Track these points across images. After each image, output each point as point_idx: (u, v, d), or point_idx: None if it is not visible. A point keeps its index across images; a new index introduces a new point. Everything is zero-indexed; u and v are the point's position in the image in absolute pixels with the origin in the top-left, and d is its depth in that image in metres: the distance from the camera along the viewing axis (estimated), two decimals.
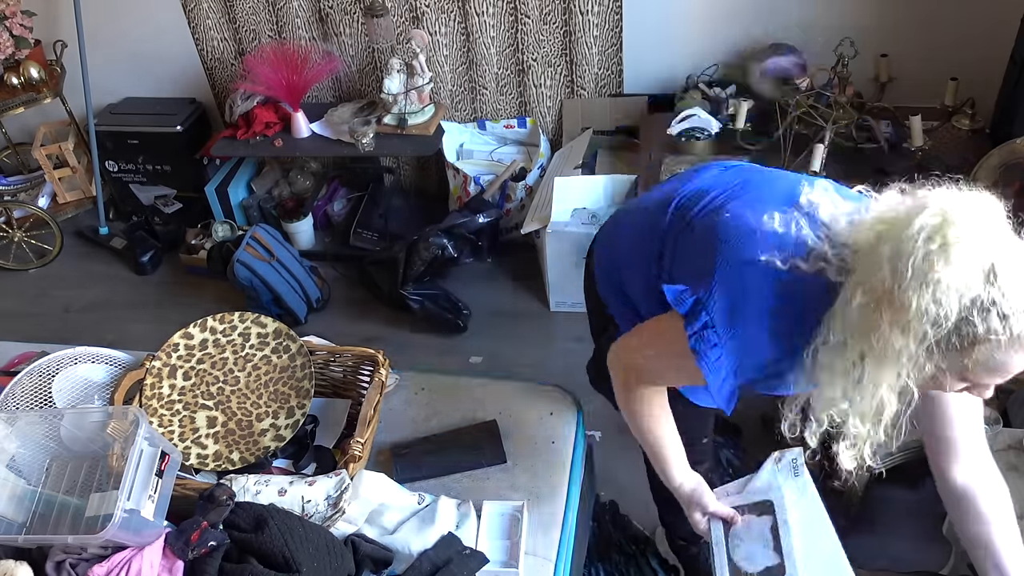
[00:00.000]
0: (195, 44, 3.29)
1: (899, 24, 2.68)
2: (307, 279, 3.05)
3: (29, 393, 1.80)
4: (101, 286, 3.35)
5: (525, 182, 3.05)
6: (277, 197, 3.38)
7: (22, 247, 3.47)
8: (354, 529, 1.53)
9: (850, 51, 2.43)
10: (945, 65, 2.57)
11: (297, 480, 1.57)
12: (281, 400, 1.79)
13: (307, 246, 3.28)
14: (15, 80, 3.15)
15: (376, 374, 1.77)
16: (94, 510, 1.43)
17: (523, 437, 1.77)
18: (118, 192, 3.56)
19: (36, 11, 3.22)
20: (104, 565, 1.36)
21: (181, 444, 1.74)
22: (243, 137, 3.15)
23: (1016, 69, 2.39)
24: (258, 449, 1.75)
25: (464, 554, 1.49)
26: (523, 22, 2.96)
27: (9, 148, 3.58)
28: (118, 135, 3.36)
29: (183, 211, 3.50)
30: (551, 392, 1.88)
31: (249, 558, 1.39)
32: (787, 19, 2.77)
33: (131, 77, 3.44)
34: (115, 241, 3.49)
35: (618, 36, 2.93)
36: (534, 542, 1.58)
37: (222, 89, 3.41)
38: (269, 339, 1.85)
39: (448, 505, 1.59)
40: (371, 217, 3.22)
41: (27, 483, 1.54)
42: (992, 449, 1.64)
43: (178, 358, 1.83)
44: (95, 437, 1.54)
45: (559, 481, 1.71)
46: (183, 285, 3.29)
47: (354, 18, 3.10)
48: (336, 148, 3.10)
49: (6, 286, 3.41)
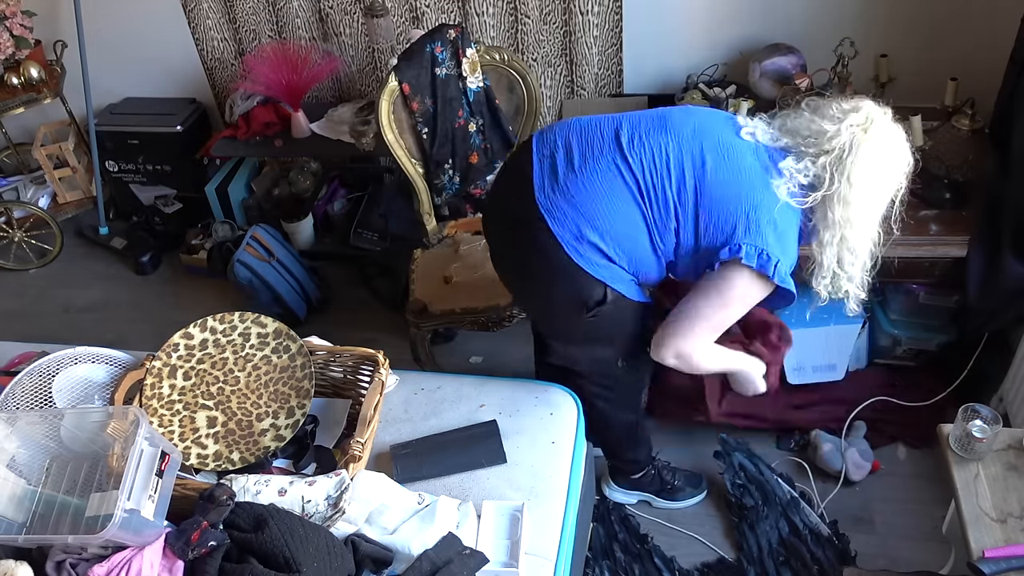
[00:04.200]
0: (195, 44, 3.29)
1: (899, 24, 2.68)
2: (307, 279, 3.05)
3: (29, 393, 1.80)
4: (101, 286, 3.35)
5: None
6: (277, 197, 3.38)
7: (22, 247, 3.47)
8: (354, 529, 1.53)
9: (850, 51, 2.43)
10: (945, 65, 2.57)
11: (297, 480, 1.57)
12: (281, 400, 1.79)
13: (307, 246, 3.28)
14: (15, 80, 3.14)
15: (376, 374, 1.77)
16: (94, 510, 1.43)
17: (523, 437, 1.77)
18: (118, 192, 3.56)
19: (36, 11, 3.21)
20: (104, 565, 1.36)
21: (181, 444, 1.74)
22: (243, 137, 3.15)
23: (1016, 69, 2.39)
24: (258, 449, 1.75)
25: (464, 554, 1.49)
26: (523, 22, 2.96)
27: (9, 148, 3.58)
28: (118, 135, 3.36)
29: (183, 211, 3.50)
30: (551, 392, 1.88)
31: (249, 558, 1.39)
32: (787, 19, 2.76)
33: (131, 77, 3.44)
34: (115, 241, 3.48)
35: (618, 36, 2.93)
36: (534, 542, 1.58)
37: (222, 89, 3.41)
38: (269, 339, 1.85)
39: (448, 505, 1.59)
40: (371, 217, 3.22)
41: (27, 483, 1.54)
42: (992, 449, 1.65)
43: (178, 358, 1.83)
44: (95, 437, 1.54)
45: (559, 481, 1.71)
46: (183, 285, 3.29)
47: (354, 18, 3.10)
48: (336, 148, 3.10)
49: (6, 286, 3.41)
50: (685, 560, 2.15)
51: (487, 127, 2.48)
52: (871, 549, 2.13)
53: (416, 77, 2.35)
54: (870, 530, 2.18)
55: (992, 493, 1.60)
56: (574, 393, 1.89)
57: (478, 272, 2.41)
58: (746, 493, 2.24)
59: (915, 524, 2.16)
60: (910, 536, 2.14)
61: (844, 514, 2.21)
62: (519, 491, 1.67)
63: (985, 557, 1.49)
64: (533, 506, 1.63)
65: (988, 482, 1.61)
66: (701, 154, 1.58)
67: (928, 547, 2.07)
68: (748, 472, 2.28)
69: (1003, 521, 1.55)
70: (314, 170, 3.40)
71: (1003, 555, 1.49)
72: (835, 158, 1.54)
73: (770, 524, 2.17)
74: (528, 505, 1.61)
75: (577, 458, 1.78)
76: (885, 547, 2.14)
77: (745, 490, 2.25)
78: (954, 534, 1.76)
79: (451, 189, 2.57)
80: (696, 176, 1.57)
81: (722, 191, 1.57)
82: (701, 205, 1.58)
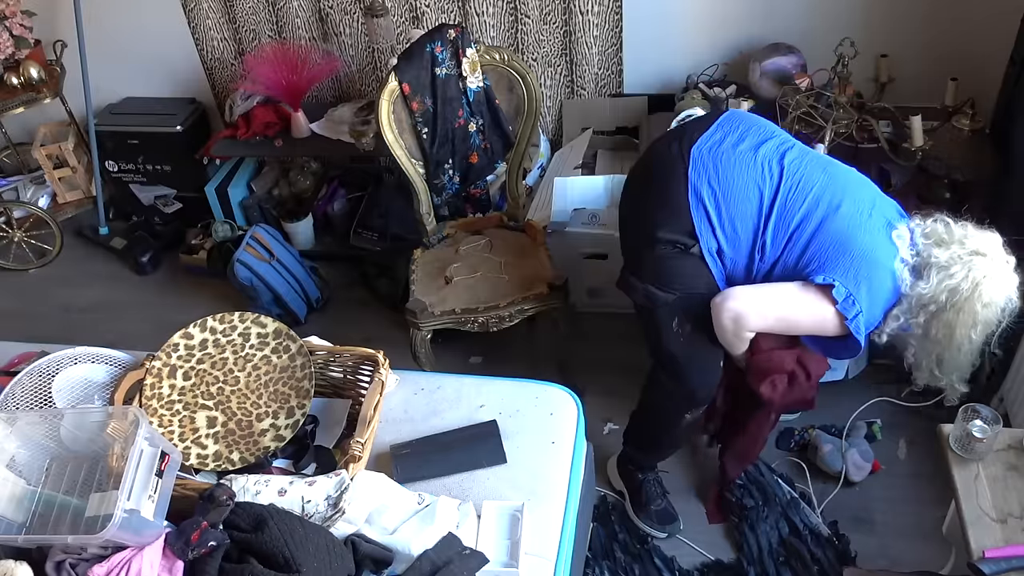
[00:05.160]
0: (195, 44, 3.29)
1: (899, 24, 2.68)
2: (307, 279, 3.05)
3: (29, 393, 1.80)
4: (101, 286, 3.35)
5: (525, 182, 3.05)
6: (277, 197, 3.38)
7: (22, 247, 3.47)
8: (354, 529, 1.52)
9: (850, 51, 2.43)
10: (945, 65, 2.57)
11: (297, 480, 1.57)
12: (281, 400, 1.79)
13: (307, 246, 3.28)
14: (15, 80, 3.14)
15: (376, 374, 1.77)
16: (94, 510, 1.43)
17: (523, 437, 1.77)
18: (118, 192, 3.56)
19: (36, 11, 3.21)
20: (104, 565, 1.36)
21: (181, 444, 1.74)
22: (243, 137, 3.15)
23: (1016, 69, 2.39)
24: (258, 449, 1.75)
25: (464, 554, 1.49)
26: (523, 22, 2.96)
27: (9, 148, 3.58)
28: (118, 135, 3.36)
29: (183, 211, 3.50)
30: (551, 392, 1.88)
31: (249, 558, 1.39)
32: (787, 19, 2.77)
33: (131, 77, 3.44)
34: (115, 241, 3.48)
35: (618, 36, 2.94)
36: (534, 542, 1.58)
37: (222, 89, 3.41)
38: (269, 339, 1.85)
39: (448, 505, 1.59)
40: (371, 217, 3.22)
41: (27, 483, 1.54)
42: (992, 449, 1.65)
43: (178, 358, 1.83)
44: (95, 437, 1.54)
45: (559, 481, 1.71)
46: (183, 285, 3.29)
47: (354, 18, 3.10)
48: (336, 148, 3.10)
49: (6, 286, 3.41)
50: (685, 560, 2.15)
51: (487, 127, 2.48)
52: (871, 549, 2.13)
53: (416, 77, 2.35)
54: (870, 530, 2.18)
55: (992, 493, 1.60)
56: (575, 395, 1.89)
57: (478, 272, 2.41)
58: (746, 493, 2.24)
59: (915, 524, 2.16)
60: (910, 536, 2.14)
61: (844, 514, 2.21)
62: (519, 491, 1.67)
63: (985, 557, 1.49)
64: (533, 506, 1.63)
65: (988, 482, 1.61)
66: (840, 200, 1.71)
67: (928, 547, 2.06)
68: (748, 472, 2.28)
69: (1003, 521, 1.55)
70: (314, 170, 3.40)
71: (1003, 555, 1.49)
72: (952, 290, 1.64)
73: (770, 524, 2.17)
74: (528, 505, 1.61)
75: (577, 458, 1.78)
76: (885, 547, 2.13)
77: (745, 490, 2.25)
78: (954, 534, 1.76)
79: (451, 189, 2.57)
80: (826, 213, 1.70)
81: (843, 232, 1.69)
82: (816, 236, 1.70)
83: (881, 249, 1.69)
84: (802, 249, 1.72)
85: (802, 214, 1.71)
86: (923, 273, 1.68)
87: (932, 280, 1.66)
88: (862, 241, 1.69)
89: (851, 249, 1.68)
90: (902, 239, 1.70)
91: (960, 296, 1.63)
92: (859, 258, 1.67)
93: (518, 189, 2.58)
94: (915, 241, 1.71)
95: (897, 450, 2.35)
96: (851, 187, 1.76)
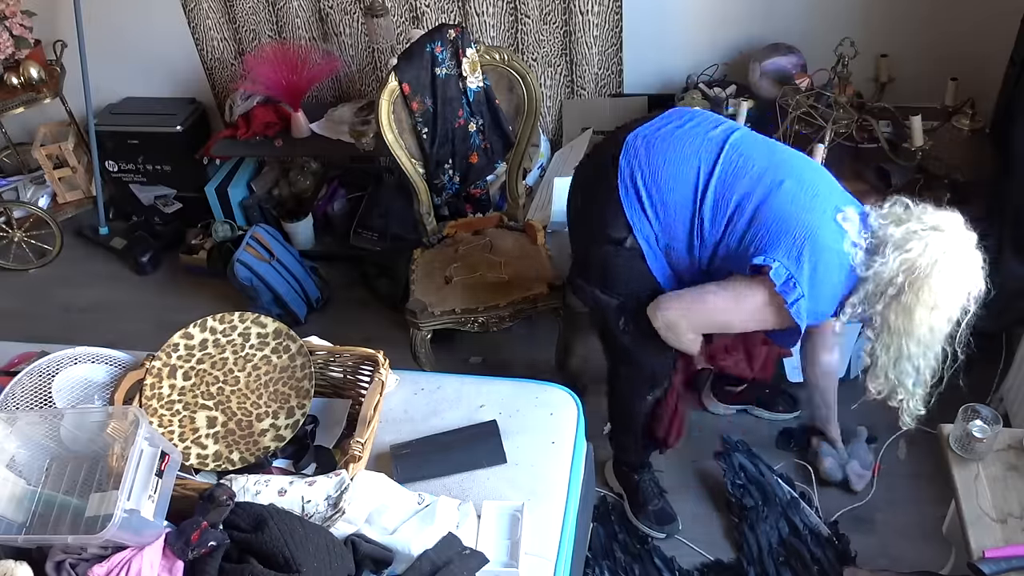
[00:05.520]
0: (195, 44, 3.29)
1: (899, 24, 2.68)
2: (307, 279, 3.05)
3: (29, 393, 1.80)
4: (101, 286, 3.35)
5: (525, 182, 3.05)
6: (277, 197, 3.38)
7: (22, 247, 3.47)
8: (354, 529, 1.52)
9: (850, 51, 2.43)
10: (945, 65, 2.57)
11: (297, 480, 1.57)
12: (281, 400, 1.79)
13: (307, 246, 3.28)
14: (15, 80, 3.15)
15: (376, 374, 1.77)
16: (94, 510, 1.43)
17: (523, 437, 1.77)
18: (118, 192, 3.56)
19: (36, 11, 3.21)
20: (104, 565, 1.36)
21: (181, 444, 1.74)
22: (243, 137, 3.15)
23: (1016, 69, 2.39)
24: (258, 449, 1.75)
25: (464, 554, 1.49)
26: (523, 22, 2.96)
27: (9, 148, 3.58)
28: (118, 135, 3.36)
29: (183, 211, 3.50)
30: (551, 392, 1.88)
31: (249, 558, 1.39)
32: (787, 19, 2.77)
33: (131, 77, 3.44)
34: (115, 241, 3.48)
35: (618, 36, 2.93)
36: (534, 542, 1.58)
37: (222, 89, 3.41)
38: (269, 339, 1.85)
39: (448, 505, 1.59)
40: (371, 217, 3.22)
41: (27, 483, 1.54)
42: (992, 449, 1.65)
43: (178, 358, 1.83)
44: (95, 437, 1.54)
45: (559, 481, 1.71)
46: (183, 285, 3.29)
47: (354, 18, 3.10)
48: (336, 148, 3.10)
49: (6, 286, 3.41)
50: (685, 560, 2.15)
51: (487, 127, 2.48)
52: (871, 549, 2.13)
53: (416, 77, 2.35)
54: (870, 530, 2.18)
55: (992, 493, 1.60)
56: (575, 395, 1.89)
57: (478, 272, 2.41)
58: (746, 493, 2.24)
59: (915, 524, 2.16)
60: (910, 536, 2.14)
61: (844, 514, 2.21)
62: (519, 491, 1.67)
63: (985, 557, 1.49)
64: (533, 506, 1.63)
65: (988, 482, 1.61)
66: (783, 179, 1.64)
67: (928, 547, 2.06)
68: (748, 472, 2.28)
69: (1003, 521, 1.55)
70: (314, 170, 3.40)
71: (1003, 555, 1.49)
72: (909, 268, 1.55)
73: (770, 524, 2.17)
74: (528, 505, 1.61)
75: (577, 458, 1.78)
76: (885, 547, 2.13)
77: (745, 490, 2.25)
78: (954, 534, 1.76)
79: (451, 189, 2.57)
80: (768, 191, 1.63)
81: (785, 210, 1.62)
82: (757, 214, 1.63)
83: (826, 229, 1.61)
84: (743, 229, 1.64)
85: (741, 192, 1.64)
86: (879, 251, 1.59)
87: (888, 256, 1.56)
88: (805, 220, 1.60)
89: (792, 228, 1.60)
90: (849, 221, 1.62)
91: (918, 273, 1.53)
92: (802, 238, 1.59)
93: (518, 189, 2.58)
94: (870, 224, 1.63)
95: (897, 450, 2.35)
96: (796, 169, 1.68)
